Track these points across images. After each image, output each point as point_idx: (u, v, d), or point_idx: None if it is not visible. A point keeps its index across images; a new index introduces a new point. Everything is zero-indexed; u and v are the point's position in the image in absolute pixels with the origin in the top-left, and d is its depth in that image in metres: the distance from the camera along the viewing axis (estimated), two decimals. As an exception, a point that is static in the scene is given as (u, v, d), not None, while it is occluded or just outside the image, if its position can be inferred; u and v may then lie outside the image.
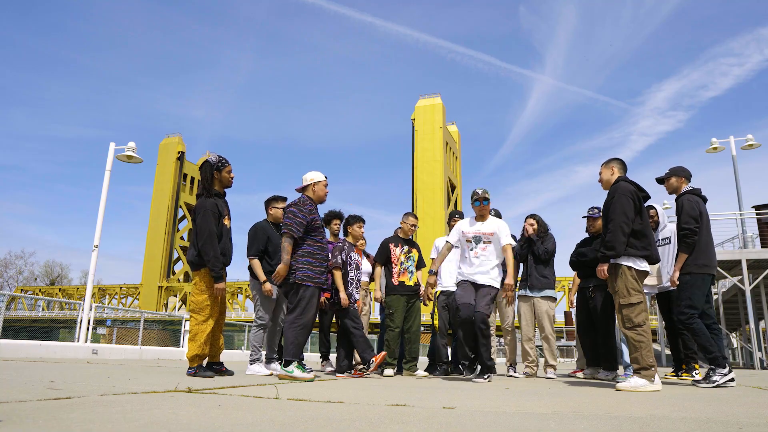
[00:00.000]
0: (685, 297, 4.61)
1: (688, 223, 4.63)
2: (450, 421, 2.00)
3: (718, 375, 4.34)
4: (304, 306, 4.46)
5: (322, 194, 4.76)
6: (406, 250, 6.09)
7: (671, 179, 4.99)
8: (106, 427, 1.66)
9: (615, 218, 4.03)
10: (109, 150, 12.51)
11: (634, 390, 3.73)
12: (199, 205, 4.49)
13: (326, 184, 4.80)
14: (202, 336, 4.40)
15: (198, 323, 4.43)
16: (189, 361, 4.44)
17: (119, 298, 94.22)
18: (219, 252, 4.43)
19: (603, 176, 4.36)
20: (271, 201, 5.73)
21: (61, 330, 44.33)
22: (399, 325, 5.89)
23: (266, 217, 5.72)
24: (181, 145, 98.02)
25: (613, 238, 4.01)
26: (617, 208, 4.05)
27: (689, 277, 4.63)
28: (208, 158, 4.64)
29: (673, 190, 4.97)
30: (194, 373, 4.35)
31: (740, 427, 1.96)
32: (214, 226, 4.42)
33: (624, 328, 3.98)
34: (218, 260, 4.41)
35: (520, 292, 6.36)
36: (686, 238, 4.63)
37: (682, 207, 4.72)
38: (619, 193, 4.09)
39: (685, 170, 5.00)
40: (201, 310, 4.45)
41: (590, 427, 1.90)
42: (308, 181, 4.73)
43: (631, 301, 3.96)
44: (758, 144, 15.36)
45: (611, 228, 4.04)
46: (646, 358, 3.84)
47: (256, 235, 5.50)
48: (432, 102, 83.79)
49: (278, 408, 2.29)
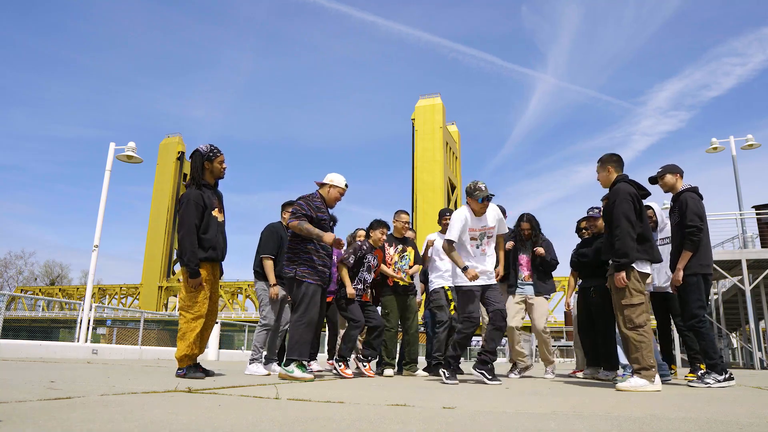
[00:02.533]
0: (695, 299, 4.56)
1: (693, 220, 4.57)
2: (450, 421, 2.00)
3: (712, 379, 4.36)
4: (306, 303, 4.44)
5: (333, 199, 4.77)
6: (400, 250, 6.09)
7: (666, 177, 4.90)
8: (106, 427, 1.66)
9: (621, 224, 4.00)
10: (109, 150, 12.51)
11: (634, 390, 3.74)
12: (184, 196, 4.32)
13: (342, 192, 4.79)
14: (192, 335, 4.20)
15: (187, 321, 4.22)
16: (178, 362, 4.23)
17: (119, 298, 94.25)
18: (196, 246, 4.22)
19: (600, 178, 4.35)
20: (285, 205, 5.77)
21: (61, 330, 44.35)
22: (395, 325, 5.90)
23: (280, 220, 5.76)
24: (181, 145, 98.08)
25: (624, 245, 3.98)
26: (620, 214, 4.02)
27: (695, 278, 4.58)
28: (199, 147, 4.45)
29: (670, 187, 4.89)
30: (184, 374, 4.17)
31: (740, 427, 1.96)
32: (195, 218, 4.23)
33: (625, 329, 3.97)
34: (194, 254, 4.20)
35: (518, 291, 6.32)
36: (692, 236, 4.57)
37: (687, 204, 4.64)
38: (621, 198, 4.06)
39: (678, 167, 4.93)
40: (189, 308, 4.24)
41: (590, 427, 1.90)
42: (328, 180, 4.77)
43: (632, 302, 3.95)
44: (758, 144, 15.36)
45: (619, 235, 4.01)
46: (646, 358, 3.84)
47: (271, 236, 5.48)
48: (432, 102, 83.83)
49: (278, 408, 2.29)
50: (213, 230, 4.32)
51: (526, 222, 6.19)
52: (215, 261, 4.39)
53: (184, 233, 4.21)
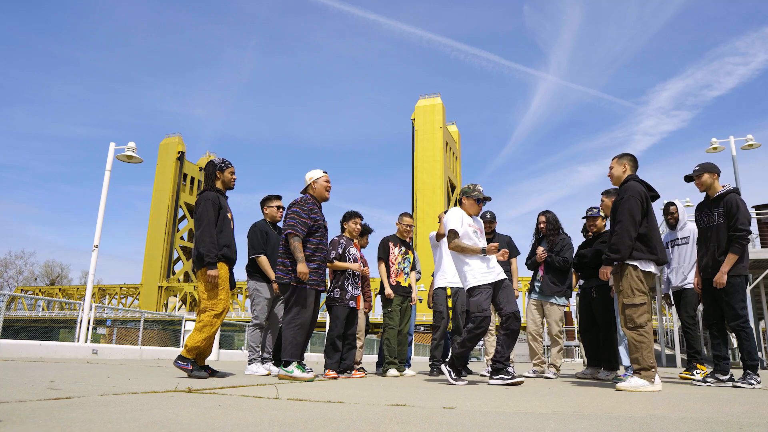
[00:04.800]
0: (739, 300, 4.53)
1: (744, 224, 4.51)
2: (450, 421, 2.00)
3: (755, 380, 4.39)
4: (300, 305, 4.47)
5: (324, 191, 4.74)
6: (403, 251, 6.11)
7: (704, 176, 4.75)
8: (106, 427, 1.66)
9: (623, 221, 3.99)
10: (109, 150, 12.50)
11: (635, 390, 3.74)
12: (201, 196, 4.49)
13: (327, 179, 4.77)
14: (212, 330, 4.26)
15: (211, 316, 4.27)
16: (186, 351, 4.21)
17: (119, 298, 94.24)
18: (215, 240, 4.32)
19: (614, 171, 4.30)
20: (265, 201, 5.83)
21: (61, 330, 44.38)
22: (398, 323, 5.88)
23: (263, 217, 5.80)
24: (181, 145, 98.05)
25: (619, 241, 3.98)
26: (625, 211, 4.01)
27: (739, 279, 4.54)
28: (213, 159, 4.68)
29: (707, 187, 4.75)
30: (189, 369, 4.17)
31: (740, 427, 1.95)
32: (214, 216, 4.37)
33: (626, 328, 3.97)
34: (214, 246, 4.29)
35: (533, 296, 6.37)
36: (742, 239, 4.50)
37: (738, 207, 4.53)
38: (629, 195, 4.05)
39: (716, 166, 4.79)
40: (214, 305, 4.30)
41: (590, 427, 1.90)
42: (308, 180, 4.75)
43: (634, 302, 3.94)
44: (758, 144, 15.34)
45: (618, 231, 4.00)
46: (646, 358, 3.84)
47: (256, 234, 5.57)
48: (432, 102, 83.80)
49: (278, 408, 2.29)
50: (228, 230, 4.48)
51: (542, 215, 6.33)
52: (230, 260, 4.47)
53: (204, 228, 4.33)
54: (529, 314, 6.38)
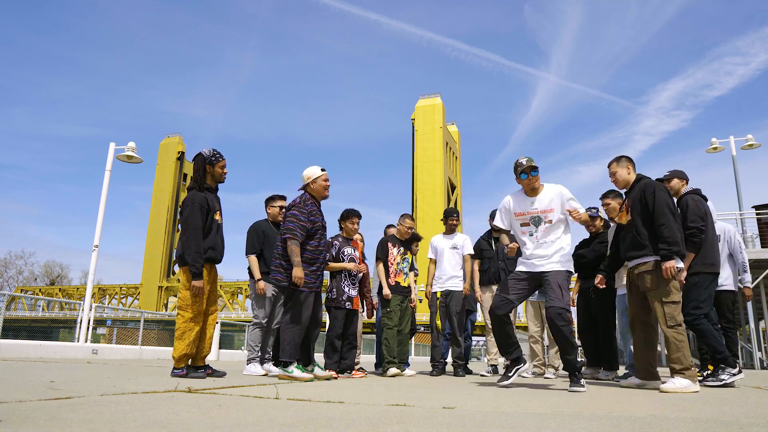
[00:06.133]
0: (692, 298, 4.55)
1: (694, 221, 4.58)
2: (450, 421, 2.00)
3: (727, 374, 4.35)
4: (299, 306, 4.46)
5: (323, 189, 4.68)
6: (402, 252, 6.12)
7: (673, 180, 4.98)
8: (106, 427, 1.66)
9: (666, 214, 3.90)
10: (109, 150, 12.51)
11: (681, 392, 3.61)
12: (189, 198, 4.34)
13: (325, 178, 4.68)
14: (191, 334, 4.21)
15: (185, 321, 4.22)
16: (176, 362, 4.22)
17: (119, 298, 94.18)
18: (201, 248, 4.25)
19: (620, 176, 4.25)
20: (269, 200, 5.82)
21: (61, 330, 44.40)
22: (397, 323, 5.89)
23: (266, 217, 5.80)
24: (181, 145, 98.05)
25: (673, 235, 3.86)
26: (663, 203, 3.94)
27: (697, 277, 4.59)
28: (202, 151, 4.47)
29: (675, 192, 4.94)
30: (185, 374, 4.17)
31: (740, 427, 1.96)
32: (201, 220, 4.27)
33: (666, 327, 3.85)
34: (199, 256, 4.22)
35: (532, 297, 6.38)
36: (693, 237, 4.56)
37: (688, 206, 4.67)
38: (658, 189, 4.00)
39: (685, 174, 5.04)
40: (188, 307, 4.24)
41: (590, 427, 1.90)
42: (306, 179, 4.69)
43: (674, 299, 3.89)
44: (758, 144, 15.35)
45: (666, 223, 3.88)
46: (687, 358, 3.77)
47: (251, 234, 5.58)
48: (432, 102, 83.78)
49: (278, 408, 2.29)
50: (213, 233, 4.40)
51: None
52: (214, 261, 4.44)
53: (189, 235, 4.24)
54: (530, 316, 6.41)
